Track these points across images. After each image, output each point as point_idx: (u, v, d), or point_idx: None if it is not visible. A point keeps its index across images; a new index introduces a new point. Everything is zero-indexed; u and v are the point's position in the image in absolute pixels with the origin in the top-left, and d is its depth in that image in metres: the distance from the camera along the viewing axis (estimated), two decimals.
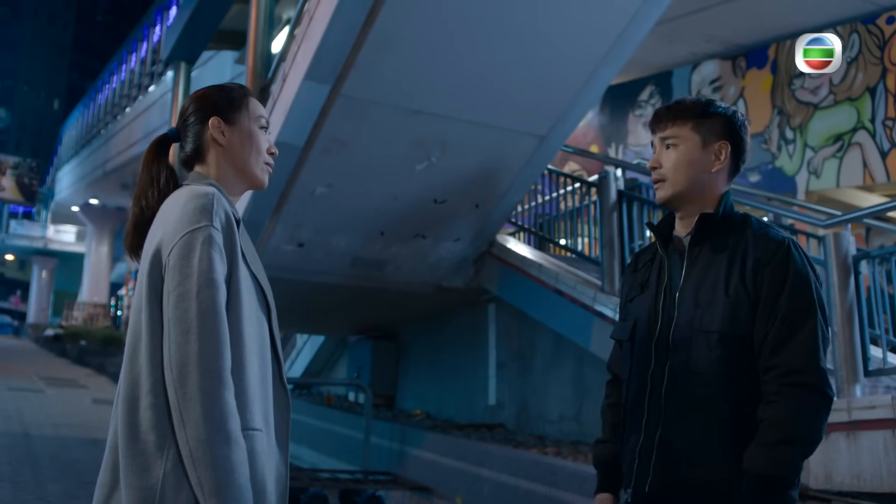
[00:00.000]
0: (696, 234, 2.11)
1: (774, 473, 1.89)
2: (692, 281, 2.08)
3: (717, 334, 2.00)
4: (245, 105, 1.97)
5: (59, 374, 20.09)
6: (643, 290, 2.20)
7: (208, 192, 1.80)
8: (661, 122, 2.17)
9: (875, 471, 4.40)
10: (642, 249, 2.36)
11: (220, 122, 1.93)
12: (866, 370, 4.91)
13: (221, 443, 1.62)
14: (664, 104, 2.24)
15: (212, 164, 1.93)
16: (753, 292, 2.00)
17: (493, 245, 8.14)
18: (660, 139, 2.17)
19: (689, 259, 2.12)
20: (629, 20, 6.45)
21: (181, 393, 1.64)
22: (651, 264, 2.22)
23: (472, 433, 7.77)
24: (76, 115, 37.27)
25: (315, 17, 6.33)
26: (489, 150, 7.21)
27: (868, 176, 9.83)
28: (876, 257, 5.28)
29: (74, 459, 8.50)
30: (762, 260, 2.01)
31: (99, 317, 34.24)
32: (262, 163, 1.97)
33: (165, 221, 1.78)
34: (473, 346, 8.98)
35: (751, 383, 1.99)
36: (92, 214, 35.29)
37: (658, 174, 2.16)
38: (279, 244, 7.42)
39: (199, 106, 1.96)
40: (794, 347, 1.95)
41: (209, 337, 1.65)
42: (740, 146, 2.14)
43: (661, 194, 2.16)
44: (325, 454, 9.86)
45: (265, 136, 1.99)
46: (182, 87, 11.91)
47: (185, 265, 1.70)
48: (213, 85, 2.04)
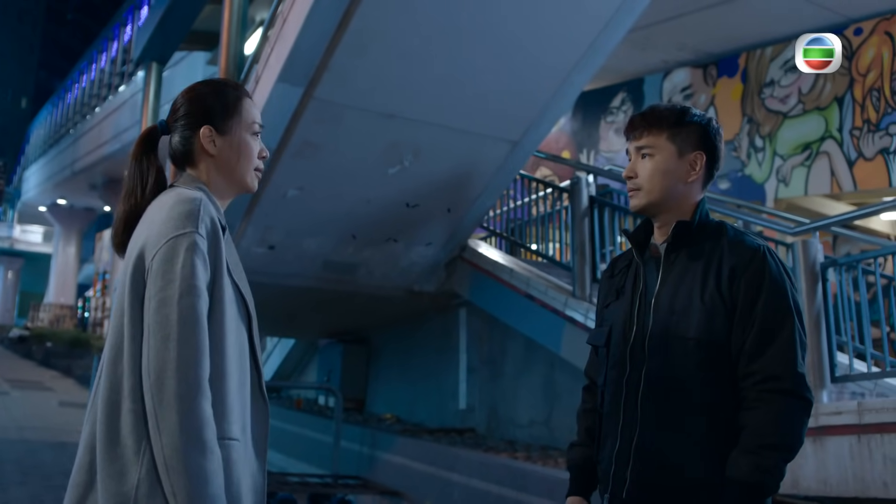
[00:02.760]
0: (671, 241, 2.11)
1: (758, 480, 1.90)
2: (668, 287, 2.08)
3: (693, 341, 2.00)
4: (238, 111, 1.92)
5: (25, 377, 19.85)
6: (619, 296, 2.20)
7: (195, 197, 1.77)
8: (636, 131, 2.15)
9: (841, 475, 4.45)
10: (619, 255, 2.36)
11: (212, 132, 1.88)
12: (833, 376, 4.97)
13: (196, 451, 1.60)
14: (638, 111, 2.23)
15: (202, 170, 1.90)
16: (730, 300, 2.00)
17: (464, 249, 8.15)
18: (635, 148, 2.16)
19: (664, 266, 2.11)
20: (602, 27, 6.49)
21: (158, 399, 1.62)
22: (627, 270, 2.22)
23: (442, 437, 7.77)
24: (44, 115, 36.84)
25: (289, 20, 6.31)
26: (462, 154, 7.22)
27: (835, 184, 9.95)
28: (843, 265, 5.35)
29: (40, 462, 8.39)
30: (738, 267, 2.01)
31: (66, 318, 33.86)
32: (252, 170, 1.95)
33: (151, 224, 1.76)
34: (444, 350, 8.98)
35: (728, 389, 1.99)
36: (59, 215, 34.88)
37: (633, 183, 2.15)
38: (250, 246, 7.38)
39: (191, 110, 1.91)
40: (773, 354, 1.95)
41: (188, 344, 1.64)
42: (715, 154, 2.15)
43: (637, 203, 2.15)
44: (295, 458, 9.81)
45: (257, 141, 1.95)
46: (153, 88, 11.83)
47: (168, 270, 1.68)
48: (209, 82, 1.99)
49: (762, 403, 1.93)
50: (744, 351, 1.98)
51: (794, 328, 1.98)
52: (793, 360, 1.96)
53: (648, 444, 2.01)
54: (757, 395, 1.94)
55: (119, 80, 24.35)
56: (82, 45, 36.54)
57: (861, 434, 4.41)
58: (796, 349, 1.97)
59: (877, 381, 5.18)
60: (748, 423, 1.94)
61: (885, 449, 4.29)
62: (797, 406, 1.95)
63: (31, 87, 65.94)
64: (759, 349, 1.96)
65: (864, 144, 9.67)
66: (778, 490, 1.94)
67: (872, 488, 4.33)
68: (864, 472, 4.36)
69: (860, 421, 4.43)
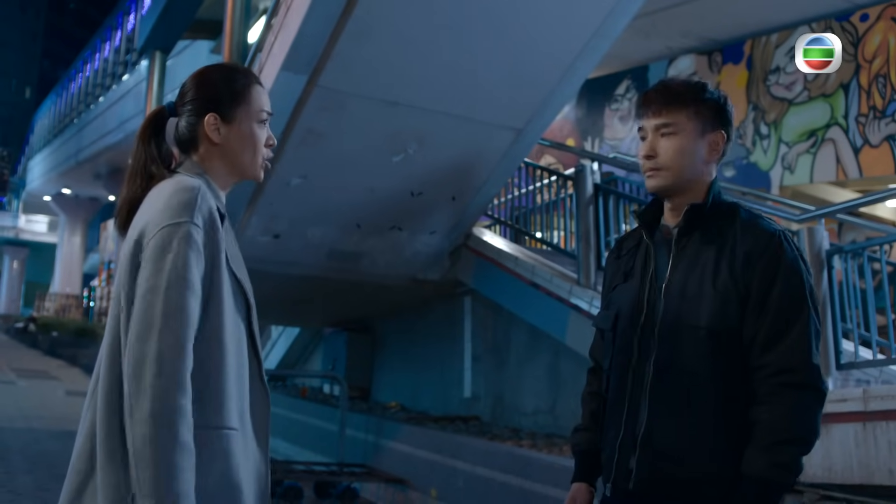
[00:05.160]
0: (685, 224, 2.03)
1: (774, 476, 1.85)
2: (679, 272, 2.00)
3: (704, 330, 1.92)
4: (246, 99, 1.88)
5: (31, 366, 19.93)
6: (627, 279, 2.11)
7: (194, 185, 1.76)
8: (654, 107, 2.05)
9: (846, 463, 4.45)
10: (626, 235, 2.27)
11: (217, 120, 1.86)
12: (838, 364, 4.96)
13: (167, 444, 1.56)
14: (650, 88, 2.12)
15: (205, 157, 1.88)
16: (743, 286, 1.93)
17: (469, 238, 8.14)
18: (654, 126, 2.04)
19: (676, 249, 2.03)
20: (607, 14, 6.46)
21: (134, 388, 1.59)
22: (636, 251, 2.13)
23: (447, 425, 7.78)
24: (48, 104, 36.89)
25: (292, 7, 6.29)
26: (466, 142, 7.20)
27: (841, 171, 9.93)
28: (848, 252, 5.33)
29: (46, 451, 8.43)
30: (753, 253, 1.94)
31: (71, 308, 34.01)
32: (259, 159, 1.91)
33: (150, 210, 1.75)
34: (449, 338, 8.98)
35: (738, 380, 1.93)
36: (64, 204, 34.99)
37: (654, 163, 2.04)
38: (254, 235, 7.38)
39: (198, 95, 1.88)
40: (787, 345, 1.89)
41: (170, 336, 1.61)
42: (729, 133, 2.08)
43: (657, 183, 2.04)
44: (300, 446, 9.84)
45: (265, 129, 1.92)
46: (157, 77, 11.83)
47: (160, 259, 1.66)
48: (219, 66, 1.97)
49: (776, 397, 1.87)
50: (756, 341, 1.91)
51: (809, 318, 1.91)
52: (808, 351, 1.89)
53: (656, 434, 1.95)
54: (771, 389, 1.88)
55: (123, 69, 24.36)
56: (86, 34, 36.51)
57: (866, 421, 4.40)
58: (811, 340, 1.90)
59: (882, 369, 5.17)
60: (762, 418, 1.88)
61: (891, 436, 4.29)
62: (812, 398, 1.89)
63: (34, 76, 65.95)
64: (774, 339, 1.90)
65: (870, 131, 9.64)
66: (794, 484, 1.90)
67: (878, 475, 4.33)
68: (869, 460, 4.36)
69: (865, 408, 4.42)
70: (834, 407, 4.52)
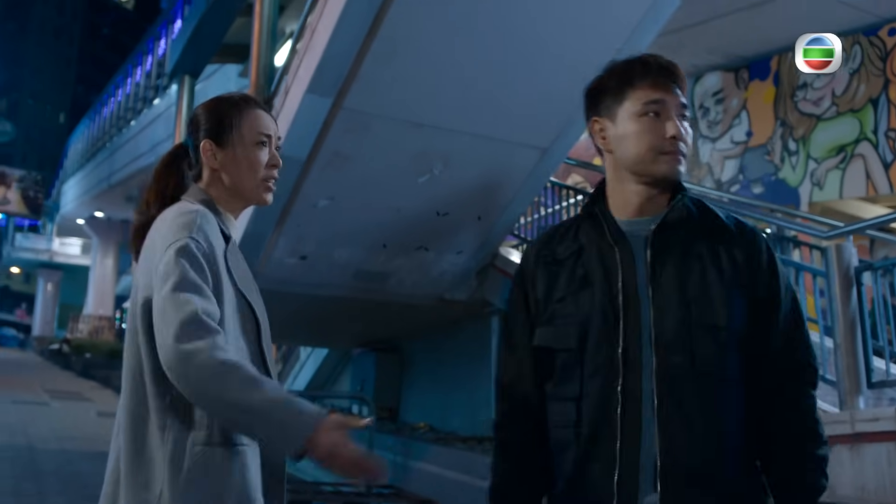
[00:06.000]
0: (675, 216, 1.81)
1: (825, 483, 1.80)
2: (669, 271, 1.76)
3: (725, 330, 1.73)
4: (237, 124, 1.92)
5: (64, 387, 20.11)
6: (582, 287, 1.81)
7: (194, 209, 1.82)
8: (680, 84, 1.88)
9: (879, 483, 4.38)
10: (552, 233, 1.95)
11: (212, 146, 1.91)
12: (869, 382, 4.89)
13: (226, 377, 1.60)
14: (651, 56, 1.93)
15: (209, 183, 1.93)
16: (750, 284, 1.79)
17: (496, 257, 8.13)
18: (679, 104, 1.85)
19: (656, 248, 1.78)
20: (631, 32, 6.45)
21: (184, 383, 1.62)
22: (579, 254, 1.84)
23: (475, 446, 7.75)
24: (81, 129, 37.39)
25: (317, 31, 6.36)
26: (491, 162, 7.22)
27: (871, 187, 9.81)
28: (879, 269, 5.27)
29: (78, 472, 8.50)
30: (753, 254, 1.81)
31: (104, 329, 34.30)
32: (258, 181, 1.93)
33: (155, 235, 1.81)
34: (477, 358, 8.97)
35: (754, 383, 1.78)
36: (97, 227, 35.38)
37: (682, 147, 1.82)
38: (282, 257, 7.43)
39: (193, 126, 1.97)
40: (800, 345, 1.84)
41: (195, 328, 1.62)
42: None
43: (679, 170, 1.82)
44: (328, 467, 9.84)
45: (265, 151, 1.93)
46: (186, 100, 11.95)
47: (170, 273, 1.69)
48: (210, 99, 2.03)
49: (802, 399, 1.80)
50: (774, 340, 1.80)
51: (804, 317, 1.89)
52: (811, 347, 1.86)
53: (678, 456, 1.69)
54: (793, 394, 1.80)
55: (154, 93, 24.67)
56: (118, 60, 37.05)
57: None
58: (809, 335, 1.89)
59: None
60: (789, 425, 1.78)
61: None
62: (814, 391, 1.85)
63: (68, 101, 67.04)
64: (792, 339, 1.83)
65: None
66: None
67: None
68: None
69: None
70: (866, 426, 4.46)
